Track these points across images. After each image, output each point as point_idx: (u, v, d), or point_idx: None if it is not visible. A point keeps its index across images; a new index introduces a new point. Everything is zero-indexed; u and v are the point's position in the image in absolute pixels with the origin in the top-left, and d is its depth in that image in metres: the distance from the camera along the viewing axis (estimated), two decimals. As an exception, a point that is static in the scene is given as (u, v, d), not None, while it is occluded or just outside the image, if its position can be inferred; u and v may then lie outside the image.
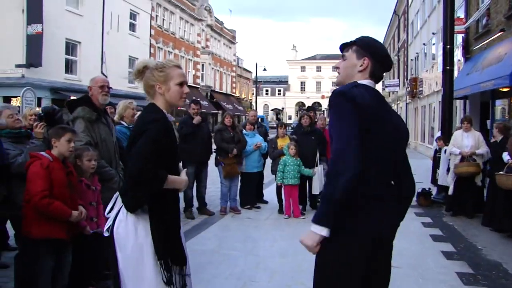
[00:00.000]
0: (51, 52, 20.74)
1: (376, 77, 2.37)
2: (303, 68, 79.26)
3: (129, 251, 2.55)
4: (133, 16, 29.26)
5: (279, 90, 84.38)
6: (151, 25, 31.50)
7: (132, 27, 29.34)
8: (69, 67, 23.12)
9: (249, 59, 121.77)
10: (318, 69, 77.93)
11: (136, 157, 2.46)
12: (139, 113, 6.69)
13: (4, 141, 4.20)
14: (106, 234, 2.67)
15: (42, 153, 3.58)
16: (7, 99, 19.50)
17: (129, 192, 2.55)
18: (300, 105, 76.45)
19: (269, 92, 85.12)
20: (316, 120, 9.31)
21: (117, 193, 2.75)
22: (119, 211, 2.63)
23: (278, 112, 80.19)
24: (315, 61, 79.38)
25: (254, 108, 43.52)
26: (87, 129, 4.21)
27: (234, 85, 52.14)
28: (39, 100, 19.11)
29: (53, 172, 3.48)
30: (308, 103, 76.33)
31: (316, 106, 68.14)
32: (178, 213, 2.75)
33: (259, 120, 16.35)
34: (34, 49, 19.83)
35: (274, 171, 8.44)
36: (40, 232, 3.47)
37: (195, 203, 8.24)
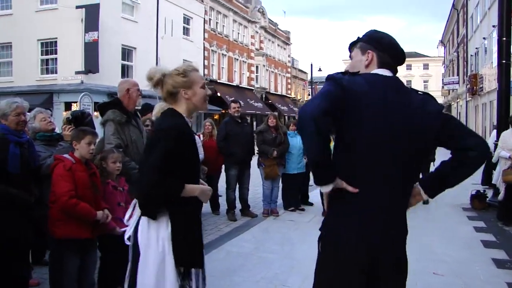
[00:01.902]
0: (108, 58, 21.47)
1: (388, 67, 2.19)
2: (359, 68, 77.92)
3: (151, 262, 2.55)
4: (186, 20, 29.79)
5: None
6: (204, 28, 31.95)
7: (186, 31, 29.88)
8: (125, 72, 23.82)
9: (304, 60, 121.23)
10: (375, 68, 76.34)
11: (148, 168, 2.47)
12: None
13: (37, 143, 4.34)
14: (127, 242, 2.70)
15: (66, 155, 3.65)
16: (68, 105, 20.40)
17: (141, 202, 2.56)
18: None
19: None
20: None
21: (135, 199, 2.75)
22: (139, 218, 2.63)
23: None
24: (372, 60, 77.78)
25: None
26: (117, 132, 4.26)
27: (289, 86, 51.98)
28: (95, 104, 19.83)
29: (76, 173, 3.53)
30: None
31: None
32: (199, 218, 2.75)
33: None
34: (91, 56, 20.64)
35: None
36: (65, 232, 3.54)
37: (238, 205, 8.23)
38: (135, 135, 4.43)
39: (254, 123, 31.42)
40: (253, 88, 39.90)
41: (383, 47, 2.18)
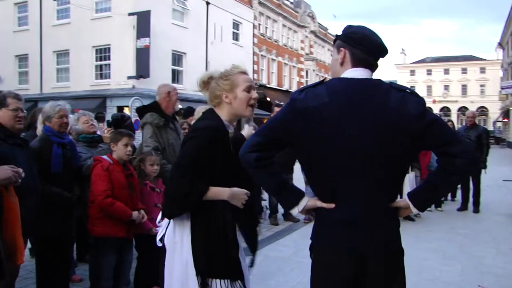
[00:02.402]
0: (158, 63, 21.99)
1: (363, 64, 2.04)
2: (412, 72, 75.92)
3: (176, 265, 2.52)
4: (236, 25, 30.08)
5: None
6: (253, 33, 32.16)
7: (235, 36, 30.18)
8: (175, 77, 24.31)
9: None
10: (429, 72, 74.15)
11: (175, 167, 2.46)
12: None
13: (80, 145, 4.49)
14: (159, 244, 2.67)
15: (104, 156, 3.76)
16: (120, 109, 21.04)
17: (165, 201, 2.55)
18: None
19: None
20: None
21: None
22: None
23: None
24: (425, 64, 75.66)
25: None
26: (155, 135, 4.35)
27: (338, 91, 51.41)
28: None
29: (113, 174, 3.64)
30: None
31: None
32: (228, 224, 2.52)
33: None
34: (142, 61, 21.22)
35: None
36: (102, 231, 3.64)
37: (281, 209, 8.19)
38: (173, 138, 4.50)
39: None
40: (302, 93, 39.69)
41: (355, 42, 2.04)
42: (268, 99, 30.96)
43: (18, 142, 3.43)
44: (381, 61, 2.14)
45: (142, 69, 21.33)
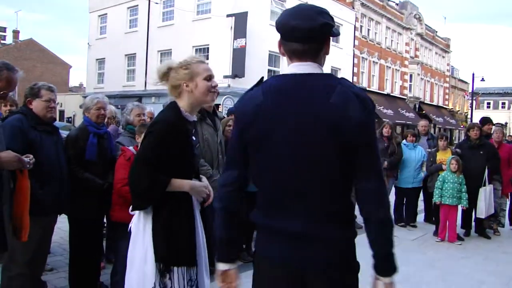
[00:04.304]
0: (254, 63, 22.39)
1: (294, 53, 1.82)
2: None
3: (137, 252, 2.61)
4: (336, 27, 29.63)
5: (503, 103, 76.00)
6: (355, 35, 31.53)
7: (335, 38, 29.66)
8: (271, 77, 24.53)
9: (467, 69, 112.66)
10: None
11: (135, 162, 2.54)
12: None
13: (125, 134, 4.70)
14: (129, 230, 2.78)
15: (130, 147, 3.92)
16: (216, 106, 21.73)
17: (132, 195, 2.63)
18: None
19: (491, 105, 77.43)
20: (491, 133, 8.10)
21: None
22: None
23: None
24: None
25: (470, 121, 40.02)
26: (189, 129, 4.43)
27: (446, 96, 48.76)
28: (235, 106, 20.93)
29: None
30: (538, 118, 67.13)
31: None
32: (190, 214, 2.62)
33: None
34: (238, 61, 21.75)
35: (430, 187, 7.66)
36: (119, 216, 3.80)
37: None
38: (208, 133, 4.55)
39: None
40: (405, 98, 38.24)
41: (280, 33, 1.85)
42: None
43: (47, 130, 3.74)
44: (499, 65, 1.83)
45: (238, 69, 21.86)
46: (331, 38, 1.89)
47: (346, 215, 1.84)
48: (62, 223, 4.88)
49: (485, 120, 8.48)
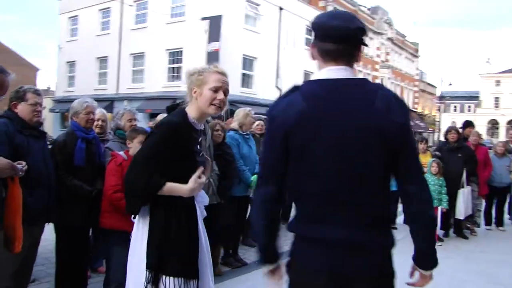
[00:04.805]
0: (228, 67, 22.05)
1: (331, 55, 1.81)
2: (497, 83, 71.83)
3: (134, 261, 2.54)
4: (309, 31, 29.78)
5: (469, 107, 78.13)
6: (327, 40, 31.77)
7: (308, 42, 29.93)
8: (245, 80, 24.57)
9: (435, 73, 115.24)
10: (517, 82, 69.97)
11: (132, 162, 2.48)
12: (258, 122, 6.80)
13: (114, 139, 4.59)
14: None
15: (120, 152, 3.84)
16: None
17: (125, 197, 2.57)
18: (493, 122, 69.56)
19: (458, 109, 79.47)
20: (466, 136, 8.28)
21: None
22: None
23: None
24: (513, 74, 71.47)
25: (438, 125, 40.91)
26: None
27: (416, 100, 49.72)
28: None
29: (125, 169, 3.68)
30: (503, 121, 69.14)
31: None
32: (193, 225, 2.55)
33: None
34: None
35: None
36: (110, 223, 3.72)
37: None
38: (198, 138, 4.49)
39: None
40: (376, 101, 38.76)
41: (315, 35, 1.85)
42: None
43: (34, 134, 3.60)
44: (463, 70, 1.91)
45: (212, 73, 21.75)
46: (360, 46, 1.87)
47: (387, 221, 1.87)
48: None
49: (467, 123, 8.70)
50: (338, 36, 1.79)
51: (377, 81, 39.14)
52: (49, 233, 4.11)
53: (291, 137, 1.77)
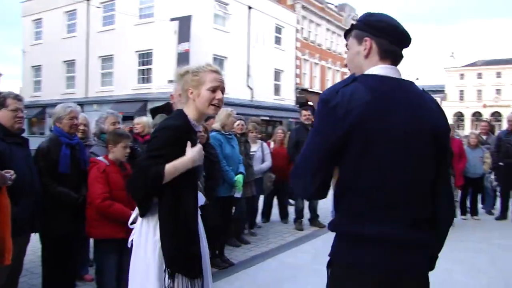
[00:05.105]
0: (199, 67, 22.19)
1: (392, 56, 1.86)
2: (462, 76, 73.57)
3: (137, 267, 2.49)
4: (278, 30, 30.02)
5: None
6: (296, 37, 32.00)
7: (277, 40, 30.10)
8: (216, 81, 24.43)
9: (402, 68, 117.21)
10: (479, 76, 71.56)
11: (136, 168, 2.44)
12: (239, 121, 6.78)
13: (99, 144, 4.49)
14: (129, 245, 2.63)
15: (100, 158, 3.75)
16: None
17: (133, 199, 2.53)
18: (459, 115, 71.24)
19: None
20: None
21: None
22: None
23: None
24: (476, 67, 73.10)
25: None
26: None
27: (384, 95, 50.50)
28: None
29: (110, 175, 3.63)
30: (467, 113, 70.86)
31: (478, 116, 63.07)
32: (194, 221, 2.51)
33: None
34: (182, 66, 21.23)
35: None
36: (100, 233, 3.64)
37: (307, 215, 8.04)
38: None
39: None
40: (346, 97, 39.18)
41: (381, 32, 1.85)
42: (310, 103, 30.73)
43: (17, 141, 3.52)
44: (429, 65, 1.98)
45: (182, 74, 21.61)
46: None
47: (431, 221, 1.87)
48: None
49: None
50: (403, 41, 1.90)
51: (345, 77, 39.54)
52: (29, 243, 3.99)
53: (356, 128, 1.70)
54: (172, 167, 2.35)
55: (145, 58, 23.44)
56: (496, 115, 65.53)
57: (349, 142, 1.72)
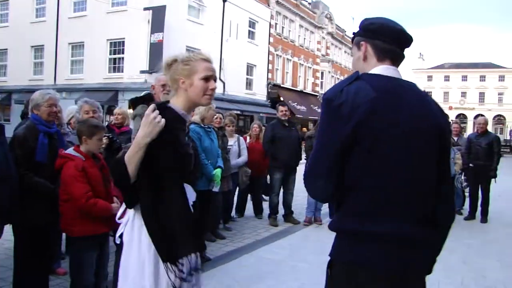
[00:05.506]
0: (172, 59, 21.92)
1: (389, 55, 1.88)
2: (429, 78, 75.02)
3: (131, 265, 2.35)
4: (252, 24, 29.94)
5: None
6: (270, 33, 31.98)
7: (251, 35, 30.02)
8: (189, 73, 24.22)
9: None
10: (446, 78, 73.25)
11: (118, 160, 2.33)
12: (217, 115, 6.70)
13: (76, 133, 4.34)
14: (117, 241, 2.50)
15: (73, 152, 3.59)
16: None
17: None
18: (425, 116, 72.79)
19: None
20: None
21: None
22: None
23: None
24: (443, 70, 74.83)
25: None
26: (144, 127, 4.21)
27: (354, 93, 51.01)
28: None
29: (88, 171, 3.50)
30: (434, 114, 72.34)
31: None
32: (182, 207, 2.35)
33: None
34: (155, 56, 21.12)
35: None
36: (82, 230, 3.50)
37: (282, 211, 8.02)
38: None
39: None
40: (317, 94, 39.43)
41: (374, 34, 1.88)
42: (282, 99, 30.78)
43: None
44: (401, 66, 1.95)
45: (155, 64, 21.28)
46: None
47: (434, 219, 1.88)
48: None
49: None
50: (400, 39, 1.91)
51: (318, 74, 39.85)
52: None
53: (363, 126, 1.70)
54: (129, 151, 2.24)
55: (117, 47, 23.02)
56: (462, 117, 67.19)
57: (357, 140, 1.71)
